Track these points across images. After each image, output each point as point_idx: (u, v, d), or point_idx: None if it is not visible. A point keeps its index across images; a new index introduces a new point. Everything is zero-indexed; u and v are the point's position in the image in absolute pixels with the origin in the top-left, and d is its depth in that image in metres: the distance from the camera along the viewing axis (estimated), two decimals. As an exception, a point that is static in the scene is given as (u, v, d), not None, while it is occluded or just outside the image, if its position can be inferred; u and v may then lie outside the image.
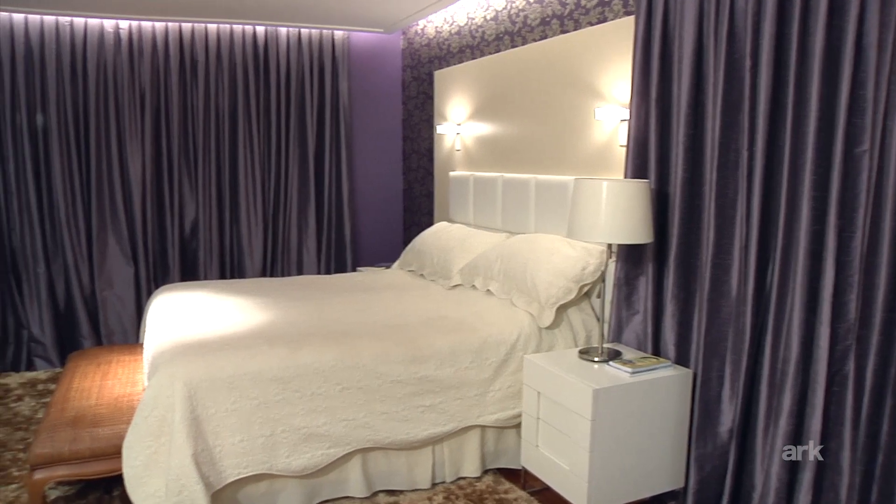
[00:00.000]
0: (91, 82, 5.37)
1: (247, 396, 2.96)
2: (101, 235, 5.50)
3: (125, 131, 5.46)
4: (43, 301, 5.39)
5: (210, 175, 5.67)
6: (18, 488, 3.46)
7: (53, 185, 5.36)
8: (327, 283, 4.64)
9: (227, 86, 5.66)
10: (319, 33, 5.87)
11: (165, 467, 2.83)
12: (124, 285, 5.57)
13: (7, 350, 5.38)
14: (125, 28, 5.42)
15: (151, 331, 3.67)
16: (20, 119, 5.24)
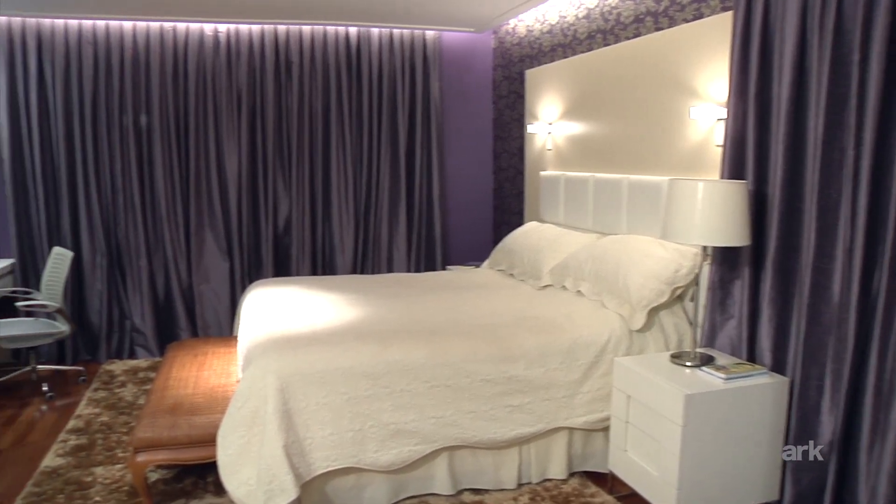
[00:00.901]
0: (191, 84, 5.58)
1: (337, 391, 3.02)
2: (199, 231, 5.71)
3: (223, 131, 5.66)
4: (144, 293, 5.64)
5: (303, 173, 5.80)
6: (122, 469, 3.64)
7: (155, 183, 5.59)
8: (417, 281, 4.69)
9: (321, 86, 5.78)
10: (411, 34, 5.93)
11: (257, 457, 2.91)
12: (220, 280, 5.77)
13: (112, 339, 5.66)
14: (223, 31, 5.61)
15: (246, 324, 3.78)
16: (126, 120, 5.49)
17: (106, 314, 5.61)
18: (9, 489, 3.51)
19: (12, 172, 5.37)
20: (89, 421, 4.31)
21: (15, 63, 5.31)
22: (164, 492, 3.40)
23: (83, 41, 5.38)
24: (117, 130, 5.49)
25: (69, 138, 5.44)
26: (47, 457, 3.83)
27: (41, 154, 5.39)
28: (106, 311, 5.61)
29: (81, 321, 5.60)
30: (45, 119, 5.40)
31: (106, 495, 3.38)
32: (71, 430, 4.18)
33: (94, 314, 5.61)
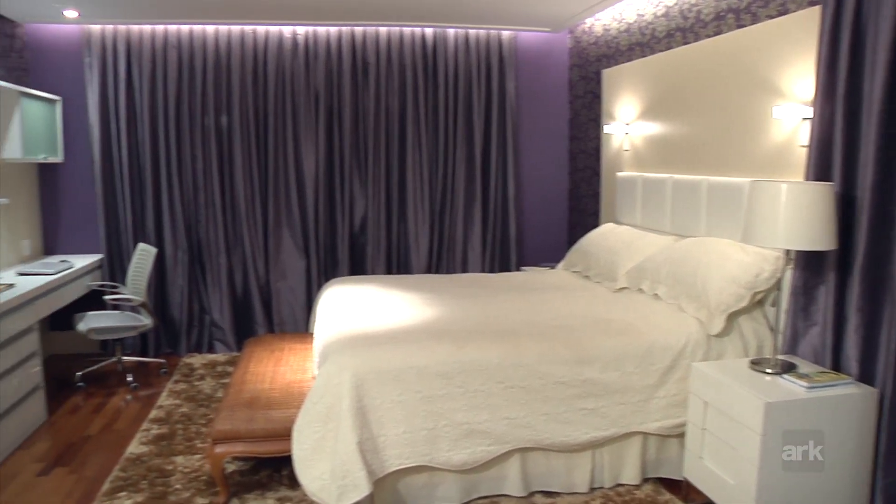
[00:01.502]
0: (270, 85, 5.71)
1: (412, 389, 3.05)
2: (277, 230, 5.83)
3: (301, 131, 5.76)
4: (223, 289, 5.80)
5: (379, 173, 5.86)
6: (201, 459, 3.76)
7: (235, 182, 5.74)
8: (492, 282, 4.69)
9: (397, 87, 5.83)
10: (487, 34, 5.93)
11: (332, 452, 2.96)
12: (296, 277, 5.88)
13: (192, 333, 5.84)
14: (302, 34, 5.72)
15: (322, 322, 3.85)
16: (208, 121, 5.66)
17: (186, 309, 5.80)
18: (98, 472, 3.69)
19: (102, 173, 5.60)
20: (170, 411, 4.46)
21: (106, 68, 5.54)
22: (241, 483, 3.49)
23: (168, 45, 5.57)
24: (199, 131, 5.66)
25: (154, 139, 5.64)
26: (132, 444, 3.99)
27: (128, 155, 5.60)
28: (186, 305, 5.79)
29: (163, 315, 5.80)
30: (132, 121, 5.62)
31: (185, 483, 3.49)
32: (153, 419, 4.34)
33: (176, 309, 5.80)
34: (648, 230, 4.54)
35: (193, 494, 3.38)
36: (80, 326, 4.90)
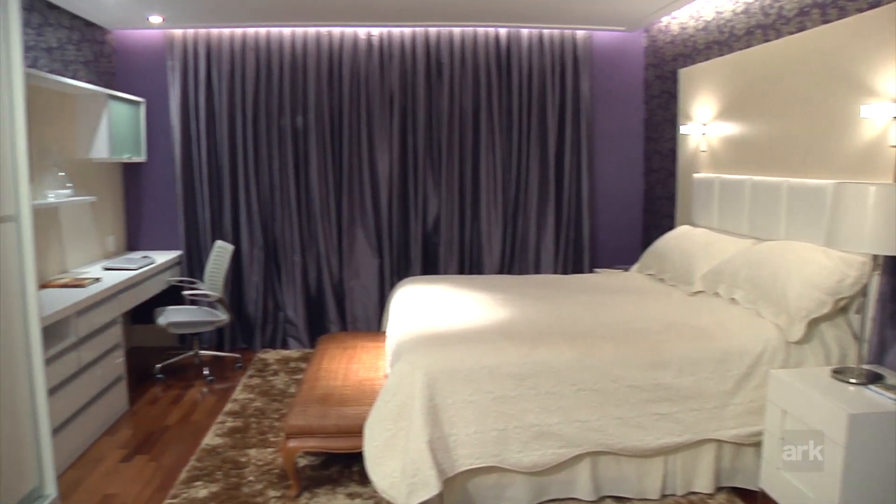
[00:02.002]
0: (345, 86, 5.78)
1: (483, 390, 3.05)
2: (351, 229, 5.90)
3: (375, 131, 5.82)
4: (297, 287, 5.90)
5: (453, 173, 5.88)
6: (274, 452, 3.83)
7: (310, 182, 5.84)
8: (565, 283, 4.65)
9: (471, 87, 5.84)
10: (561, 34, 5.88)
11: (403, 450, 2.98)
12: (369, 276, 5.94)
13: (266, 329, 5.97)
14: (377, 35, 5.77)
15: (394, 320, 3.88)
16: (284, 122, 5.77)
17: (261, 305, 5.92)
18: (176, 461, 3.81)
19: (182, 172, 5.78)
20: (244, 405, 4.56)
21: (187, 71, 5.72)
22: (312, 477, 3.55)
23: (246, 48, 5.71)
24: (276, 131, 5.78)
25: (232, 139, 5.78)
26: (207, 436, 4.09)
27: (207, 154, 5.76)
28: (261, 302, 5.92)
29: (239, 311, 5.94)
30: (211, 122, 5.78)
31: (258, 476, 3.56)
32: (228, 412, 4.45)
33: (251, 305, 5.94)
34: (725, 233, 4.43)
35: (266, 487, 3.45)
36: (160, 320, 5.07)
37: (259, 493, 3.39)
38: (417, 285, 4.52)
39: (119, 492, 3.50)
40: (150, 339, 5.94)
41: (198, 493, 3.40)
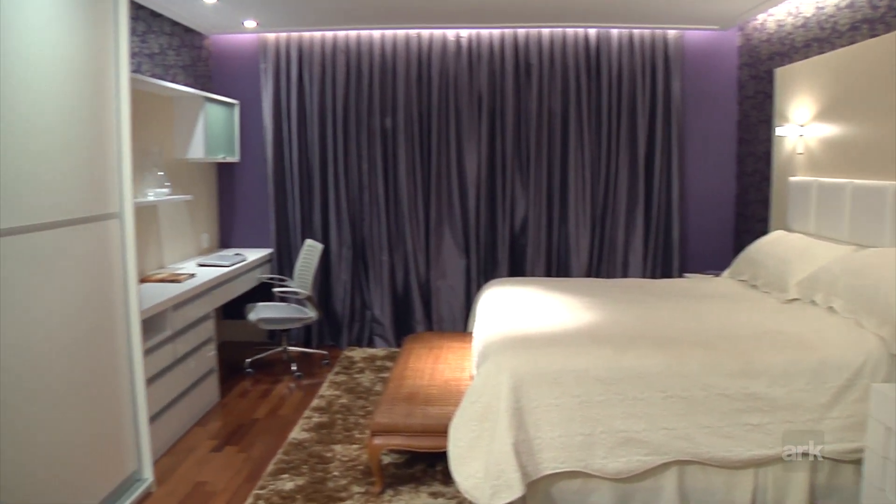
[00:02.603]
0: (434, 87, 5.82)
1: (569, 393, 3.01)
2: (438, 229, 5.94)
3: (463, 132, 5.84)
4: (384, 286, 5.97)
5: (541, 175, 5.83)
6: (359, 449, 3.89)
7: (399, 182, 5.90)
8: (653, 288, 4.55)
9: (560, 88, 5.78)
10: (652, 33, 5.77)
11: (487, 451, 2.97)
12: (456, 276, 5.96)
13: (353, 327, 6.06)
14: (465, 36, 5.79)
15: (481, 322, 3.88)
16: (373, 122, 5.85)
17: (349, 304, 6.02)
18: (263, 454, 3.90)
19: (274, 172, 5.93)
20: (331, 401, 4.64)
21: (280, 73, 5.87)
22: (395, 475, 3.58)
23: (337, 51, 5.81)
24: (365, 132, 5.86)
25: (322, 140, 5.89)
26: (294, 430, 4.18)
27: (298, 155, 5.89)
28: (349, 301, 6.02)
29: (327, 309, 6.05)
30: (302, 123, 5.90)
31: (343, 471, 3.62)
32: (315, 408, 4.53)
33: (339, 303, 6.04)
34: (823, 239, 4.25)
35: (350, 482, 3.50)
36: (251, 316, 5.21)
37: (343, 489, 3.44)
38: (505, 287, 4.51)
39: (210, 480, 3.61)
40: (241, 334, 6.12)
41: (284, 485, 3.48)
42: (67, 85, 2.94)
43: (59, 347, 2.88)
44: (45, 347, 2.79)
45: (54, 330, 2.85)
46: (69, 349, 2.95)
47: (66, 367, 2.92)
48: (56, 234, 2.86)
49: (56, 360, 2.86)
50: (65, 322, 2.92)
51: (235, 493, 3.47)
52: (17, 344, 2.62)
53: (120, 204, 3.35)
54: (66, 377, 2.92)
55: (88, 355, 3.09)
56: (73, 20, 2.97)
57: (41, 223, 2.77)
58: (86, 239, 3.08)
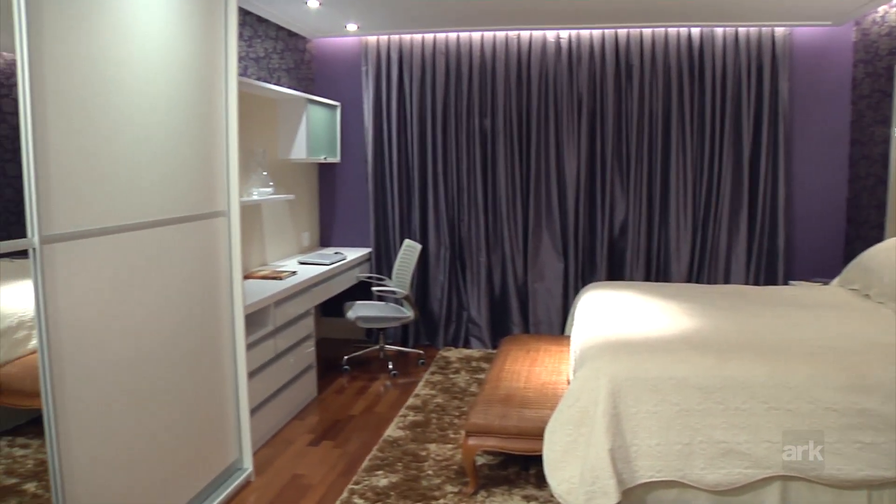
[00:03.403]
0: (534, 89, 5.78)
1: (668, 401, 2.93)
2: (536, 231, 5.89)
3: (562, 134, 5.78)
4: (482, 287, 5.97)
5: (641, 177, 5.72)
6: (453, 449, 3.90)
7: (497, 183, 5.89)
8: (757, 295, 4.38)
9: (661, 89, 5.64)
10: (758, 31, 5.55)
11: (582, 456, 2.92)
12: (554, 279, 5.90)
13: (450, 327, 6.09)
14: (565, 37, 5.73)
15: (579, 325, 3.83)
16: (472, 123, 5.87)
17: (445, 304, 6.05)
18: (359, 450, 3.97)
19: (374, 172, 6.03)
20: (426, 401, 4.68)
21: (380, 75, 5.96)
22: (489, 476, 3.57)
23: (437, 52, 5.85)
24: (464, 133, 5.88)
25: (422, 141, 5.95)
26: (389, 427, 4.23)
27: (398, 155, 5.97)
28: (446, 301, 6.05)
29: (424, 309, 6.10)
30: (402, 124, 5.98)
31: (437, 470, 3.64)
32: (410, 406, 4.58)
33: (436, 303, 6.08)
34: (947, 246, 4.00)
35: (444, 482, 3.52)
36: (349, 314, 5.31)
37: (437, 488, 3.46)
38: (603, 290, 4.44)
39: (306, 473, 3.70)
40: (339, 331, 6.25)
41: (379, 481, 3.53)
42: (182, 89, 3.07)
43: (171, 338, 3.01)
44: (159, 338, 2.93)
45: (167, 321, 2.98)
46: (180, 341, 3.08)
47: (176, 356, 3.06)
48: (170, 230, 3.00)
49: (169, 349, 3.00)
50: (176, 315, 3.05)
51: (331, 486, 3.54)
52: (136, 333, 2.76)
53: (227, 202, 3.48)
54: (176, 366, 3.06)
55: (196, 347, 3.22)
56: (188, 27, 3.10)
57: (158, 220, 2.92)
58: (196, 235, 3.21)
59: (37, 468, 2.61)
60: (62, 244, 2.38)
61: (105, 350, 2.60)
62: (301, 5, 4.94)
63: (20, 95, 2.22)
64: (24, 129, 2.22)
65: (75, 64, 2.43)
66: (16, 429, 2.68)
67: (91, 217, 2.52)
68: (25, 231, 2.27)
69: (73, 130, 2.42)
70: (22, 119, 2.22)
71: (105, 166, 2.59)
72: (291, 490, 3.52)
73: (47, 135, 2.30)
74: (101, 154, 2.57)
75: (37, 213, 2.26)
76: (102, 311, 2.58)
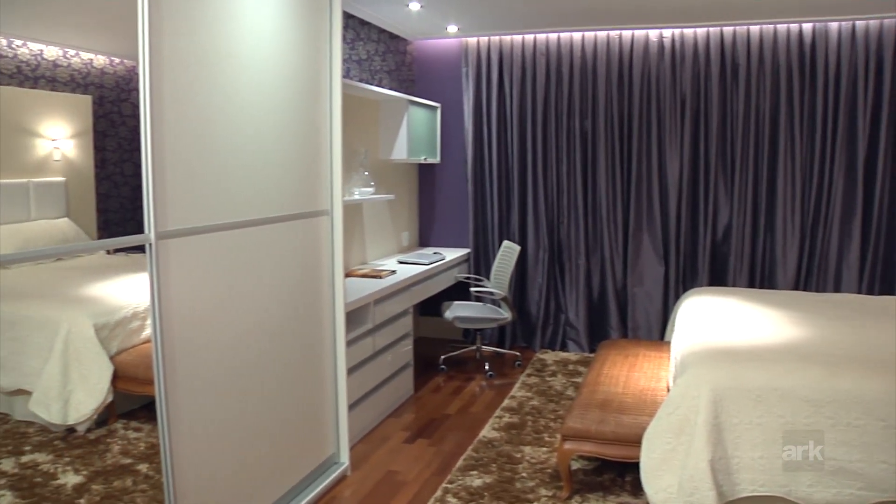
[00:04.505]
0: (635, 89, 5.67)
1: (773, 413, 2.82)
2: (637, 234, 5.78)
3: (665, 135, 5.64)
4: (580, 290, 5.90)
5: (746, 180, 5.51)
6: (548, 452, 3.88)
7: (597, 185, 5.81)
8: (871, 305, 4.17)
9: (769, 88, 5.41)
10: (879, 24, 5.23)
11: (681, 466, 2.86)
12: (654, 283, 5.77)
13: (547, 330, 6.05)
14: (668, 36, 5.58)
15: (680, 331, 3.74)
16: (573, 125, 5.81)
17: (543, 307, 6.01)
18: (454, 449, 4.00)
19: (473, 173, 6.05)
20: (521, 403, 4.66)
21: (481, 76, 5.98)
22: (583, 482, 3.53)
23: (537, 53, 5.82)
24: (564, 135, 5.82)
25: (522, 142, 5.93)
26: (485, 428, 4.24)
27: (497, 157, 5.97)
28: (543, 303, 6.01)
29: (521, 310, 6.08)
30: (502, 125, 5.98)
31: (531, 473, 3.62)
32: (505, 408, 4.57)
33: (533, 305, 6.05)
34: None
35: (538, 485, 3.50)
36: (447, 314, 5.34)
37: (531, 490, 3.44)
38: (705, 296, 4.32)
39: (401, 470, 3.75)
40: (436, 330, 6.30)
41: (473, 481, 3.54)
42: (290, 92, 3.18)
43: (274, 333, 3.13)
44: (263, 332, 3.05)
45: (271, 316, 3.10)
46: (282, 335, 3.19)
47: (279, 350, 3.17)
48: (276, 228, 3.11)
49: (272, 343, 3.11)
50: (279, 310, 3.16)
51: (425, 484, 3.57)
52: (241, 327, 2.88)
53: (330, 202, 3.57)
54: (279, 359, 3.16)
55: (298, 342, 3.33)
56: (295, 31, 3.21)
57: (265, 218, 3.04)
58: (300, 234, 3.31)
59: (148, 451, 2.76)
60: (175, 240, 2.50)
61: (212, 342, 2.71)
62: (402, 8, 5.01)
63: (140, 100, 2.34)
64: (144, 132, 2.35)
65: (190, 69, 2.55)
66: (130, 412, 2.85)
67: (202, 214, 2.64)
68: (140, 227, 2.39)
69: (187, 132, 2.54)
70: (142, 123, 2.35)
71: (216, 166, 2.71)
72: (386, 486, 3.58)
73: (164, 137, 2.42)
74: (212, 154, 2.68)
75: (153, 211, 2.38)
76: (210, 304, 2.70)
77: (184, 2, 2.50)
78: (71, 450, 2.69)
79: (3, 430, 2.62)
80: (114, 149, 2.85)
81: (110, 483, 2.68)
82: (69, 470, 2.64)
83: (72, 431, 2.71)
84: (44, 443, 2.65)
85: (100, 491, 2.64)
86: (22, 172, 2.62)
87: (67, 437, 2.70)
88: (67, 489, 2.59)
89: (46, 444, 2.65)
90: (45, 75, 2.57)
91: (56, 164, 2.70)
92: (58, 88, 2.61)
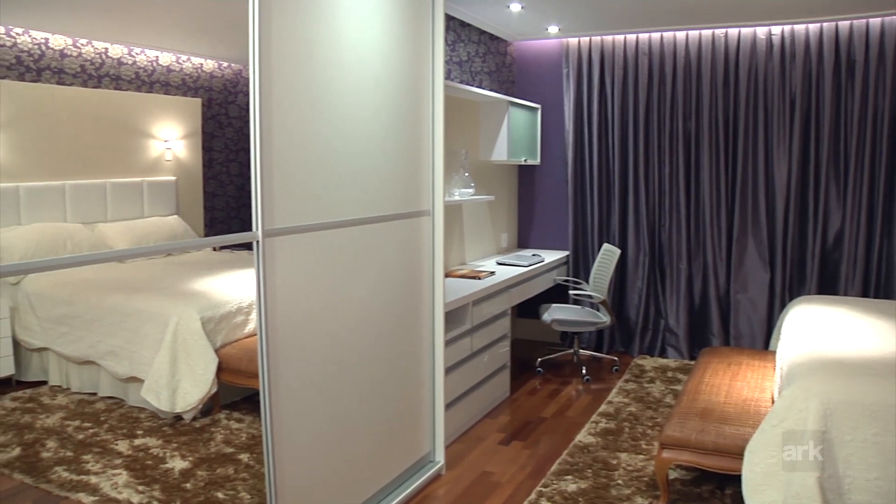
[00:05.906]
0: (742, 89, 5.48)
1: (890, 431, 2.67)
2: (741, 239, 5.59)
3: (772, 137, 5.43)
4: (681, 295, 5.76)
5: (861, 184, 5.22)
6: (645, 460, 3.81)
7: (701, 188, 5.65)
8: None
9: (889, 86, 5.11)
10: None
11: (787, 482, 2.74)
12: (758, 290, 5.57)
13: (646, 335, 5.93)
14: (777, 33, 5.36)
15: (787, 340, 3.59)
16: (676, 126, 5.67)
17: (643, 311, 5.90)
18: (549, 452, 3.99)
19: (573, 175, 5.99)
20: (619, 408, 4.59)
21: (581, 77, 5.91)
22: (681, 492, 3.45)
23: (639, 53, 5.71)
24: (667, 136, 5.70)
25: (623, 143, 5.84)
26: (580, 433, 4.20)
27: (598, 158, 5.90)
28: (643, 308, 5.90)
29: (620, 315, 5.99)
30: (603, 126, 5.90)
31: (627, 480, 3.56)
32: (602, 413, 4.51)
33: (632, 310, 5.95)
34: None
35: (634, 493, 3.44)
36: (545, 316, 5.31)
37: (626, 498, 3.39)
38: (815, 305, 4.13)
39: (496, 471, 3.76)
40: (533, 332, 6.27)
41: (567, 486, 3.51)
42: (393, 93, 3.24)
43: (374, 330, 3.20)
44: (364, 329, 3.12)
45: (371, 314, 3.17)
46: (382, 332, 3.25)
47: (379, 347, 3.24)
48: (378, 227, 3.18)
49: (372, 340, 3.19)
50: (380, 308, 3.23)
51: (519, 486, 3.57)
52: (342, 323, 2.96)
53: (431, 202, 3.61)
54: (378, 357, 3.23)
55: (397, 340, 3.38)
56: (399, 34, 3.26)
57: (368, 217, 3.11)
58: (401, 233, 3.37)
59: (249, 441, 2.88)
60: (281, 238, 2.58)
61: (314, 338, 2.79)
62: (503, 9, 5.01)
63: (251, 103, 2.43)
64: (253, 132, 2.44)
65: (297, 72, 2.63)
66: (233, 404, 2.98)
67: (307, 213, 2.72)
68: (244, 225, 2.49)
69: (293, 133, 2.63)
70: (252, 124, 2.43)
71: (320, 166, 2.79)
72: (480, 486, 3.59)
73: (271, 138, 2.50)
74: (317, 155, 2.76)
75: (261, 209, 2.46)
76: (313, 301, 2.78)
77: (292, 8, 2.58)
78: (178, 436, 2.83)
79: (119, 414, 2.79)
80: (220, 149, 2.99)
81: (213, 470, 2.81)
82: (176, 455, 2.78)
83: (179, 419, 2.85)
84: (153, 428, 2.80)
85: (204, 477, 2.77)
86: (137, 172, 2.78)
87: (175, 424, 2.84)
88: (175, 473, 2.73)
89: (156, 429, 2.81)
90: (159, 80, 2.71)
91: (167, 163, 2.85)
92: (171, 92, 2.75)
